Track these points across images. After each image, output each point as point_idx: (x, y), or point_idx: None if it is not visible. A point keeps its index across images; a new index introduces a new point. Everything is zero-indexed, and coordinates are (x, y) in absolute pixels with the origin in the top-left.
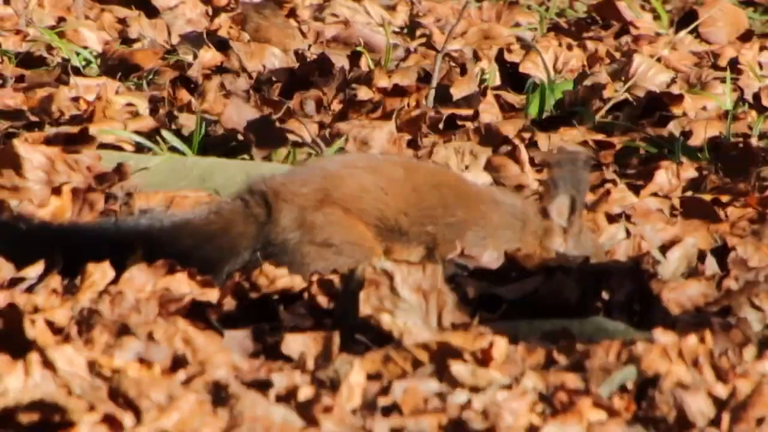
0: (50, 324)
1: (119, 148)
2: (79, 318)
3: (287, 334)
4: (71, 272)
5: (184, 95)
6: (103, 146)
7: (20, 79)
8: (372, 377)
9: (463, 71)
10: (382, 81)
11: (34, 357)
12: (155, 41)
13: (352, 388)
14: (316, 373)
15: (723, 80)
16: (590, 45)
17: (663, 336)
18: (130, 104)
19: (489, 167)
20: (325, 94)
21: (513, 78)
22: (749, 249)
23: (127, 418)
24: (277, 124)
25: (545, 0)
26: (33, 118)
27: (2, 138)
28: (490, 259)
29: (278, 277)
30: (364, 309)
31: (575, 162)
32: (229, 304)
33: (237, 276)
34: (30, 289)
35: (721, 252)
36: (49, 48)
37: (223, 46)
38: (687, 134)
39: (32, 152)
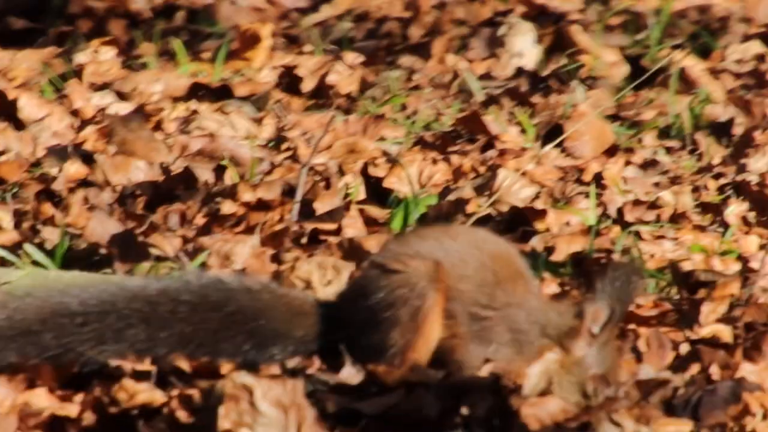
0: None
1: None
2: None
3: None
4: None
5: (48, 209)
6: None
7: None
8: None
9: (328, 185)
10: (247, 195)
11: None
12: (20, 154)
13: None
14: None
15: (587, 195)
16: (455, 159)
17: None
18: None
19: None
20: (189, 208)
21: (377, 192)
22: None
23: None
24: (141, 238)
25: (411, 114)
26: None
27: None
28: (350, 373)
29: (138, 392)
30: (223, 424)
31: (628, 277)
32: (89, 418)
33: (97, 390)
34: None
35: None
36: None
37: (88, 158)
38: (550, 249)
39: None
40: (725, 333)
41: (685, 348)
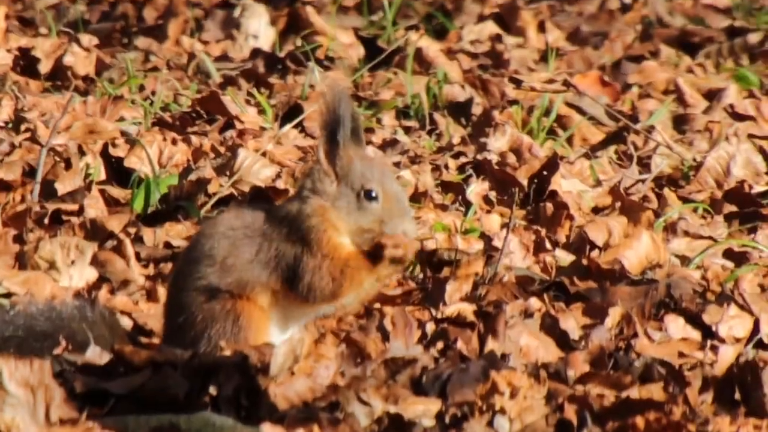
0: None
1: None
2: None
3: None
4: None
5: None
6: None
7: None
8: None
9: (68, 166)
10: None
11: None
12: None
13: None
14: None
15: None
16: (195, 139)
17: (271, 430)
18: None
19: (95, 262)
20: None
21: (118, 172)
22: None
23: None
24: None
25: (150, 94)
26: None
27: None
28: (95, 354)
29: None
30: None
31: (332, 100)
32: None
33: None
34: None
35: None
36: None
37: None
38: None
39: None
40: (469, 312)
41: (431, 327)
